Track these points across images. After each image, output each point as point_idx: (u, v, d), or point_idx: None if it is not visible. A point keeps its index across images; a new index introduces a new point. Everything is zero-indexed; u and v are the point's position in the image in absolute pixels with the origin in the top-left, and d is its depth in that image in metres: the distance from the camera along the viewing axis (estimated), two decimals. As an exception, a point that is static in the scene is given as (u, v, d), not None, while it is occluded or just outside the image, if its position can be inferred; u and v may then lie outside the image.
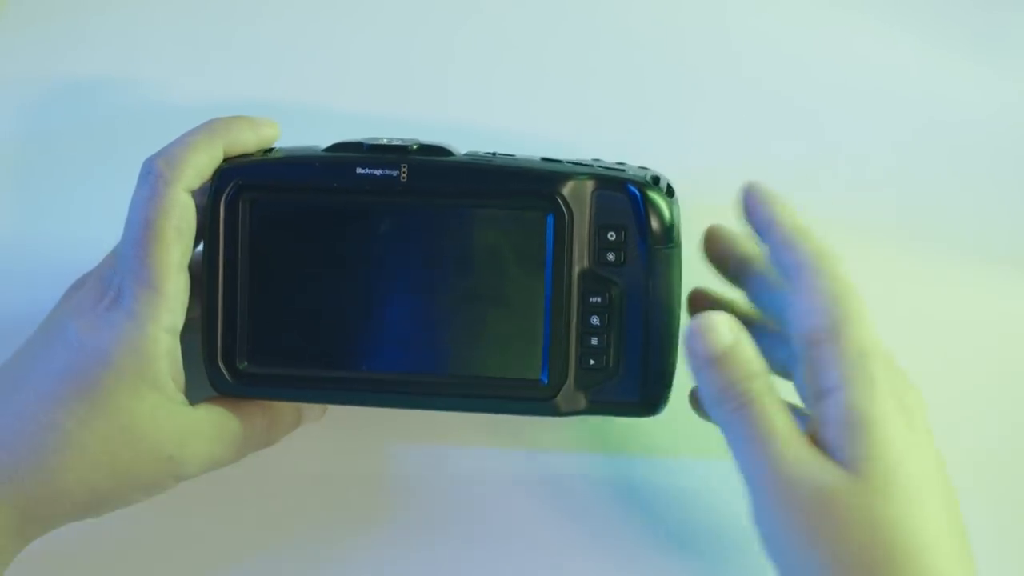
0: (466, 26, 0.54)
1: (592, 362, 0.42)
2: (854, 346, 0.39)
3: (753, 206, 0.43)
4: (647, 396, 0.43)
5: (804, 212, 0.43)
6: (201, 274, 0.43)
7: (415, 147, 0.42)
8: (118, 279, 0.41)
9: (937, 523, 0.38)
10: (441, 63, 0.53)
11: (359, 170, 0.42)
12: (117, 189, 0.53)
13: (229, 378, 0.43)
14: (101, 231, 0.51)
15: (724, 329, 0.39)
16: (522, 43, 0.53)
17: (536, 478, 0.48)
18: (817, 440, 0.39)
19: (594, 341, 0.42)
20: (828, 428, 0.38)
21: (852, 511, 0.37)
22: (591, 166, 0.43)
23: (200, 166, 0.42)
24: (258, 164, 0.43)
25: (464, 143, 0.44)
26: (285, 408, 0.45)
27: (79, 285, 0.45)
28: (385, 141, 0.43)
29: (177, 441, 0.41)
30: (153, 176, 0.41)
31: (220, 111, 0.53)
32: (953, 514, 0.39)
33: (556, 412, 0.43)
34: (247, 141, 0.43)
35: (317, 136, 0.44)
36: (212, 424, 0.42)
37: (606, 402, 0.43)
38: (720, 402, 0.39)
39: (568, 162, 0.43)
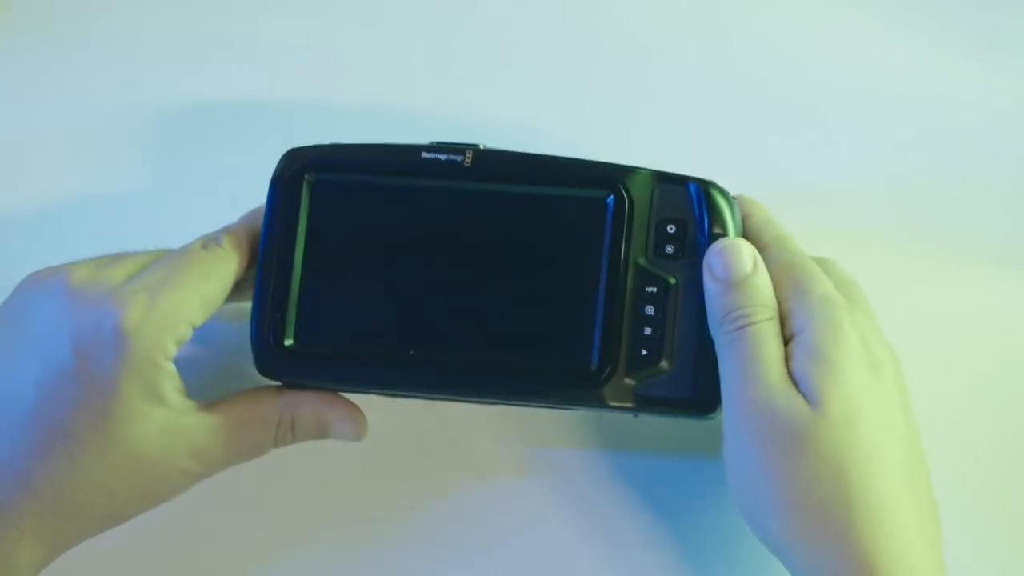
0: (467, 29, 0.54)
1: (644, 352, 0.42)
2: (818, 294, 0.41)
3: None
4: (701, 394, 0.42)
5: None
6: (258, 251, 0.43)
7: (480, 147, 0.43)
8: (131, 299, 0.40)
9: (896, 474, 0.39)
10: (444, 68, 0.53)
11: (424, 155, 0.43)
12: (117, 188, 0.53)
13: (274, 356, 0.43)
14: (100, 231, 0.51)
15: (748, 256, 0.41)
16: (525, 46, 0.53)
17: (540, 472, 0.48)
18: (789, 374, 0.40)
19: (647, 331, 0.42)
20: (795, 362, 0.40)
21: (815, 445, 0.38)
22: (652, 170, 0.43)
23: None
24: (323, 147, 0.43)
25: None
26: (310, 421, 0.44)
27: (61, 296, 0.42)
28: (450, 142, 0.43)
29: (190, 456, 0.41)
30: (217, 245, 0.43)
31: (221, 111, 0.53)
32: (917, 474, 0.40)
33: (602, 403, 0.42)
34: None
35: (322, 135, 0.45)
36: (226, 435, 0.42)
37: (657, 397, 0.42)
38: (724, 323, 0.41)
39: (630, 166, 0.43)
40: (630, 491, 0.48)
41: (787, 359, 0.40)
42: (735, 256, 0.41)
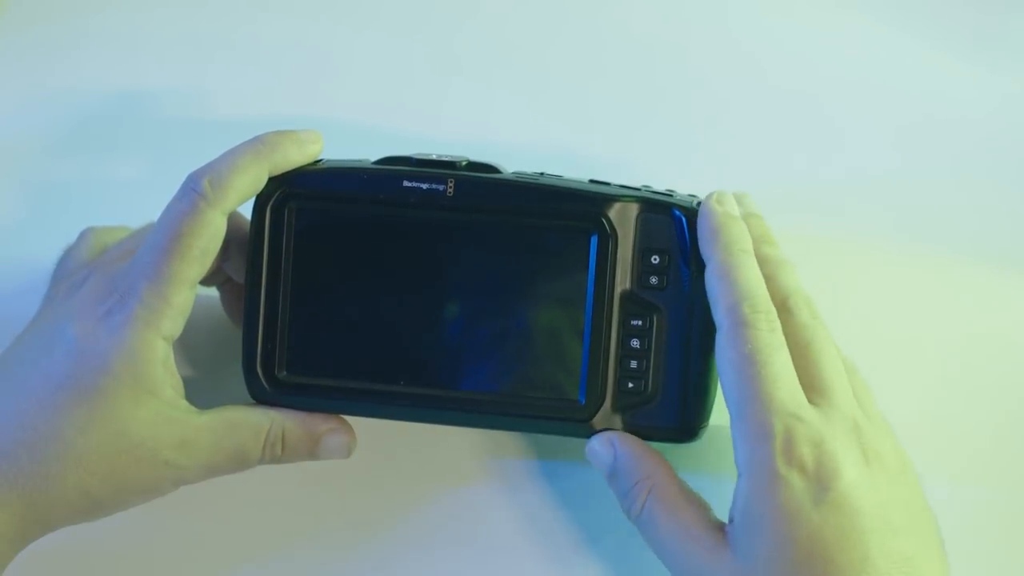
0: (467, 31, 0.54)
1: (631, 385, 0.42)
2: (752, 428, 0.38)
3: (702, 234, 0.42)
4: (685, 422, 0.43)
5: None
6: (244, 280, 0.44)
7: (464, 163, 0.43)
8: (128, 281, 0.41)
9: None
10: (443, 70, 0.53)
11: (405, 183, 0.42)
12: (117, 188, 0.53)
13: (267, 386, 0.43)
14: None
15: (604, 448, 0.42)
16: (525, 48, 0.53)
17: (544, 485, 0.48)
18: (716, 526, 0.40)
19: (633, 364, 0.42)
20: (735, 514, 0.39)
21: None
22: (639, 190, 0.43)
23: (243, 189, 0.42)
24: (305, 173, 0.43)
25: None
26: (300, 434, 0.44)
27: (71, 277, 0.45)
28: (435, 156, 0.43)
29: (174, 447, 0.41)
30: (195, 194, 0.41)
31: (222, 112, 0.53)
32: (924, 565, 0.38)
33: (592, 434, 0.43)
34: (293, 160, 0.43)
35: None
36: (213, 432, 0.42)
37: (643, 426, 0.43)
38: (627, 511, 0.42)
39: (616, 185, 0.43)
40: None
41: (732, 501, 0.39)
42: (597, 455, 0.43)
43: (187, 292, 0.41)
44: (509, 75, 0.53)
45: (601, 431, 0.43)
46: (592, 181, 0.43)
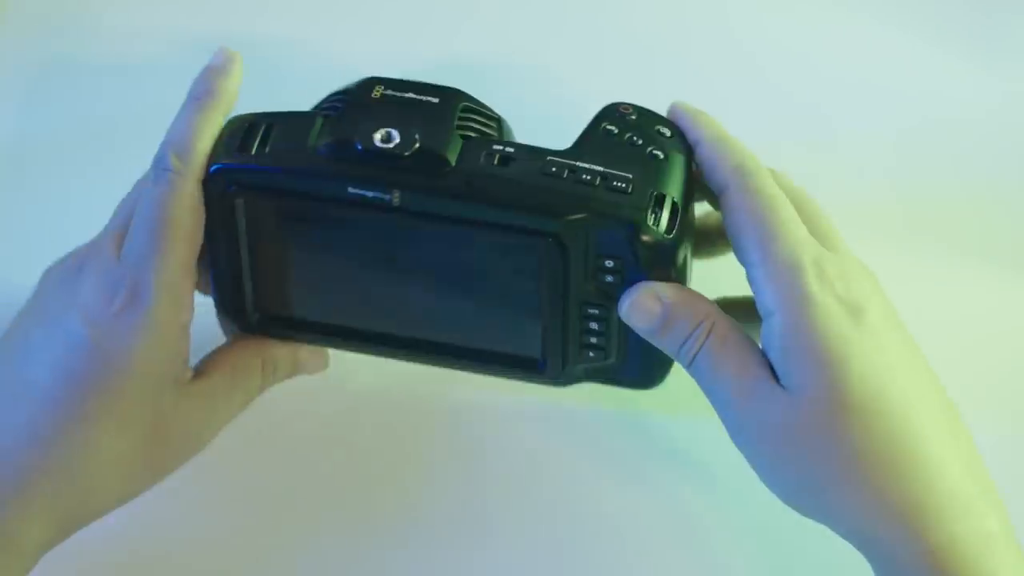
0: (467, 30, 0.54)
1: (591, 355, 0.43)
2: (781, 263, 0.38)
3: (680, 126, 0.43)
4: (646, 378, 0.44)
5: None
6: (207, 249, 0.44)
7: (407, 153, 0.40)
8: (132, 276, 0.40)
9: (911, 418, 0.37)
10: (443, 68, 0.54)
11: (351, 189, 0.41)
12: (117, 187, 0.53)
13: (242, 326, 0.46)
14: (101, 228, 0.51)
15: (650, 302, 0.40)
16: (525, 46, 0.54)
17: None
18: (770, 366, 0.39)
19: (591, 355, 0.43)
20: (771, 353, 0.38)
21: (809, 433, 0.37)
22: (595, 186, 0.40)
23: (208, 149, 0.42)
24: (249, 168, 0.41)
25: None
26: (283, 355, 0.46)
27: (69, 276, 0.43)
28: (379, 140, 0.40)
29: (203, 424, 0.43)
30: (168, 172, 0.41)
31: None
32: (935, 406, 0.39)
33: (555, 384, 0.45)
34: (234, 92, 0.43)
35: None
36: (224, 391, 0.43)
37: (603, 373, 0.44)
38: (677, 358, 0.40)
39: (572, 180, 0.40)
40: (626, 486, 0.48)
41: (764, 345, 0.39)
42: (641, 310, 0.40)
43: (192, 273, 0.41)
44: (509, 75, 0.53)
45: (568, 383, 0.44)
46: (550, 162, 0.40)
